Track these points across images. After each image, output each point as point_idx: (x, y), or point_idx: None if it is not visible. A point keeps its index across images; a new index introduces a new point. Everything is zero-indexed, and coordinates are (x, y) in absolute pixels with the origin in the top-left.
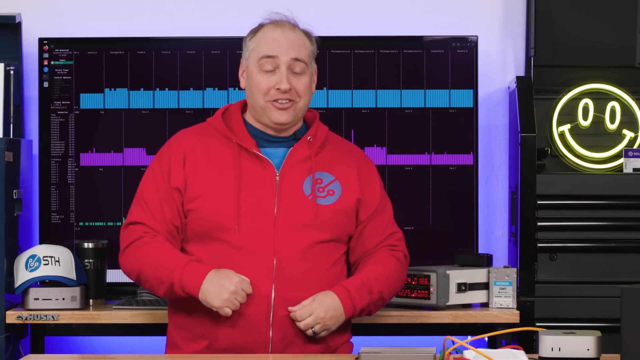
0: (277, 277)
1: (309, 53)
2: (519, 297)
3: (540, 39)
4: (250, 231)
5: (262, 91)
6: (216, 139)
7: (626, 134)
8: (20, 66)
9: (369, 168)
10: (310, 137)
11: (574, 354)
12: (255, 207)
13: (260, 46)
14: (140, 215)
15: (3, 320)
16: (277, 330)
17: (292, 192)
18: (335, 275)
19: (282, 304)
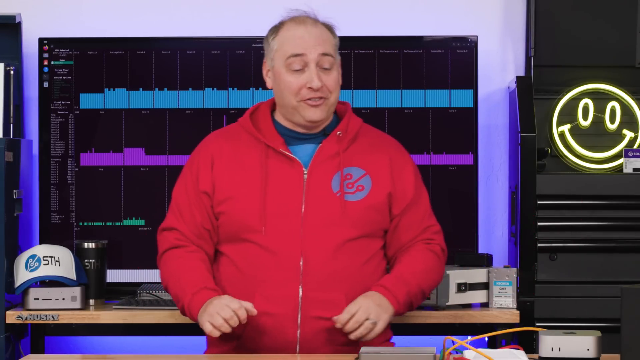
0: (304, 277)
1: (333, 46)
2: (519, 297)
3: (540, 39)
4: (277, 231)
5: (293, 91)
6: (245, 139)
7: (626, 134)
8: (20, 66)
9: (403, 159)
10: (340, 132)
11: (574, 354)
12: (283, 207)
13: (286, 45)
14: (172, 220)
15: (3, 320)
16: (304, 331)
17: (320, 190)
18: (370, 272)
19: (309, 305)
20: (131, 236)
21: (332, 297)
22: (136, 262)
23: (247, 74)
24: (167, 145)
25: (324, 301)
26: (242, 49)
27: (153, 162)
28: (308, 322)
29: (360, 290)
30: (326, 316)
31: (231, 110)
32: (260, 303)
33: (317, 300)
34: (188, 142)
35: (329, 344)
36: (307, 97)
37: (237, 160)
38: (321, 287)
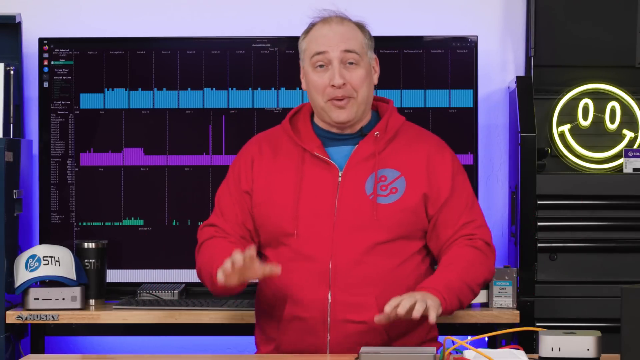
0: (333, 281)
1: (361, 44)
2: (519, 297)
3: (540, 39)
4: (308, 235)
5: (319, 90)
6: (285, 142)
7: (626, 134)
8: (20, 66)
9: (441, 156)
10: (377, 132)
11: (574, 354)
12: (315, 211)
13: (311, 44)
14: (214, 219)
15: (3, 320)
16: (334, 334)
17: (353, 193)
18: (406, 274)
19: (338, 308)
20: (131, 236)
21: (361, 300)
22: (136, 262)
23: (247, 74)
24: (167, 145)
25: (352, 304)
26: (242, 49)
27: (153, 162)
28: (337, 325)
29: (393, 294)
30: (355, 319)
31: (231, 110)
32: (291, 307)
33: (346, 304)
34: (188, 142)
35: (360, 346)
36: (332, 95)
37: (275, 163)
38: (350, 290)
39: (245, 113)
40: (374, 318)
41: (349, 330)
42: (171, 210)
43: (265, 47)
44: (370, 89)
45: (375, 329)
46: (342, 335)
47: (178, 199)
